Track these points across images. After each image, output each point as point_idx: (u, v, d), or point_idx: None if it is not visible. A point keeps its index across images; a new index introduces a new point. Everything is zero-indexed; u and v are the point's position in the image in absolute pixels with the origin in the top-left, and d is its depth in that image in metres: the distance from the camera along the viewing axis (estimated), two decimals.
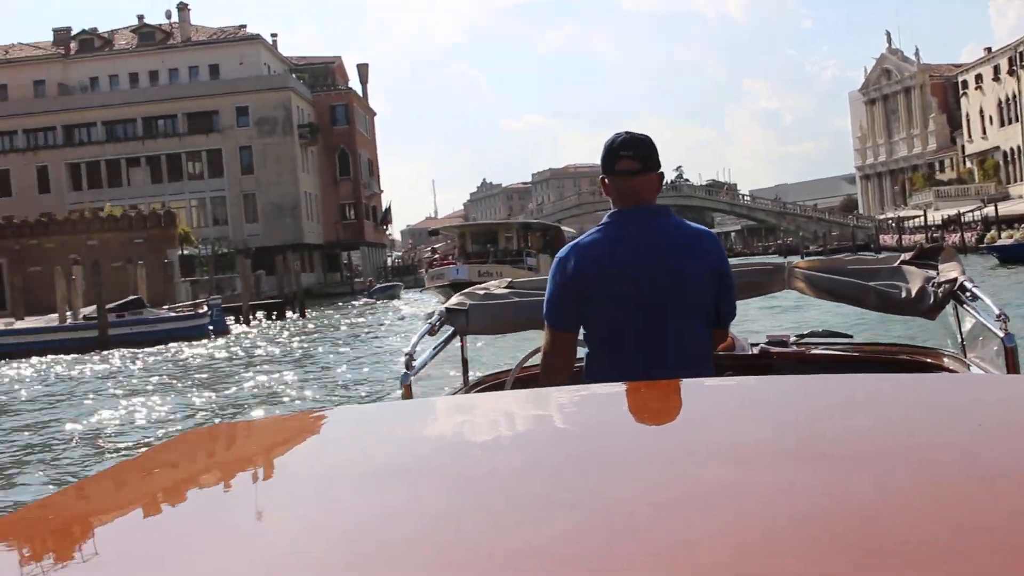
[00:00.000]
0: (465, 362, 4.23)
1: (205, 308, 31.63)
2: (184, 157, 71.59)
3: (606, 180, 3.20)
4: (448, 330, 3.99)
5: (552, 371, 3.27)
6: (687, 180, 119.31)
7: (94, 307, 30.04)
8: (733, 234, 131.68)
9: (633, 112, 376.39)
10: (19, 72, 74.37)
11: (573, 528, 1.17)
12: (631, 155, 3.14)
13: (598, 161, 3.25)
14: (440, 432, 1.90)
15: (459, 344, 4.11)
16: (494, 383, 3.96)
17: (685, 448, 1.56)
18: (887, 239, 74.93)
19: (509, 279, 4.47)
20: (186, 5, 75.68)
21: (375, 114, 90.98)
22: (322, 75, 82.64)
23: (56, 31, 78.57)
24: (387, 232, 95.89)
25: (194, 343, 28.00)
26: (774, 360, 4.04)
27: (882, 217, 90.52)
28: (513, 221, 50.33)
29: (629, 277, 3.11)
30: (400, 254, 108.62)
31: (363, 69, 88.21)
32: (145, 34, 76.60)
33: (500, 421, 1.87)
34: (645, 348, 3.09)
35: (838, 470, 1.33)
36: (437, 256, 43.13)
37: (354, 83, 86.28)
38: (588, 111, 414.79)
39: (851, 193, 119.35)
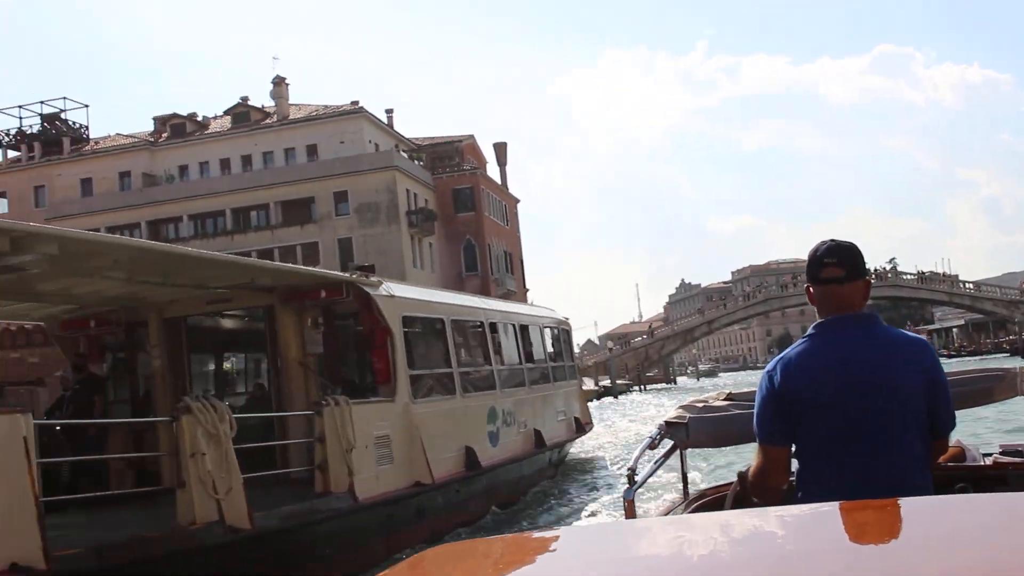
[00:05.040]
0: (685, 476, 4.16)
1: None
2: (277, 253, 61.48)
3: (811, 289, 3.12)
4: (668, 444, 3.97)
5: (765, 487, 3.17)
6: (902, 272, 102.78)
7: None
8: (956, 330, 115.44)
9: (842, 206, 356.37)
10: (103, 164, 66.65)
11: None
12: (836, 262, 3.05)
13: (802, 256, 3.20)
14: (666, 555, 1.88)
15: (679, 457, 4.08)
16: (714, 497, 3.88)
17: (919, 573, 1.50)
18: None
19: (729, 391, 4.31)
20: (283, 79, 66.49)
21: (517, 201, 79.34)
22: (447, 156, 71.60)
23: (157, 119, 70.96)
24: None
25: None
26: (1010, 471, 3.82)
27: None
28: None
29: (839, 388, 2.98)
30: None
31: (500, 148, 76.74)
32: (240, 115, 67.82)
33: (724, 544, 1.88)
34: (859, 462, 2.95)
35: None
36: None
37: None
38: (794, 207, 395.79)
39: None
